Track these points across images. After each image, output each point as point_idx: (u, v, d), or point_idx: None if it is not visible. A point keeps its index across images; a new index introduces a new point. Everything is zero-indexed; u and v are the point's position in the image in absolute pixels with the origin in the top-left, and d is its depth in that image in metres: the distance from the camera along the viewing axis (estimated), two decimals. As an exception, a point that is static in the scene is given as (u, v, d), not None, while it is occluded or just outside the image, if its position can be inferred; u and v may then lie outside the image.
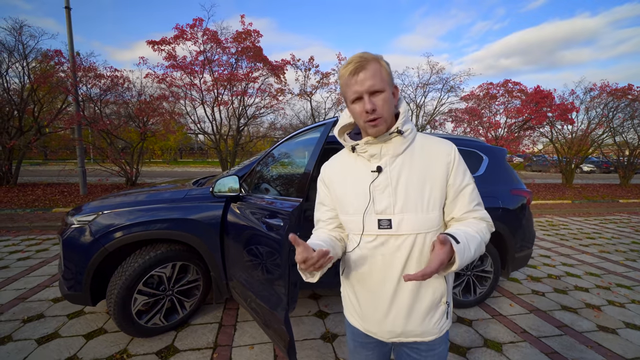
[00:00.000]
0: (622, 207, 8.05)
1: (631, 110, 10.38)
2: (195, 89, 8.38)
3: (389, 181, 0.82)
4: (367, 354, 0.97)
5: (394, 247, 0.82)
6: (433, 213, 0.82)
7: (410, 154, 0.84)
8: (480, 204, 0.88)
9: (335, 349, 2.04)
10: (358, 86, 0.77)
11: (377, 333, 0.90)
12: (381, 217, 0.82)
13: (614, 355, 2.01)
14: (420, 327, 0.86)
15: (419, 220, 0.80)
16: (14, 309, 2.45)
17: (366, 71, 0.76)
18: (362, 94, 0.77)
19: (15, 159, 7.83)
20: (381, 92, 0.78)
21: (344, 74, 0.79)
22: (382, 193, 0.82)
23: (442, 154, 0.84)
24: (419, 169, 0.83)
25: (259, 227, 1.76)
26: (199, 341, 2.09)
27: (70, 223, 2.11)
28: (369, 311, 0.90)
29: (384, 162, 0.84)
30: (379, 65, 0.78)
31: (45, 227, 4.93)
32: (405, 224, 0.81)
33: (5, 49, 7.32)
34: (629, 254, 4.15)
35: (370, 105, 0.77)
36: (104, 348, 2.00)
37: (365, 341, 0.95)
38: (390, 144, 0.84)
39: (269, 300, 1.67)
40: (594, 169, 20.09)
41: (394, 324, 0.86)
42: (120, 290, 1.94)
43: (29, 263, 3.43)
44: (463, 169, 0.86)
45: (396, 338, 0.89)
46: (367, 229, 0.84)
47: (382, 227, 0.82)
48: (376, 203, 0.83)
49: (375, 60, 0.78)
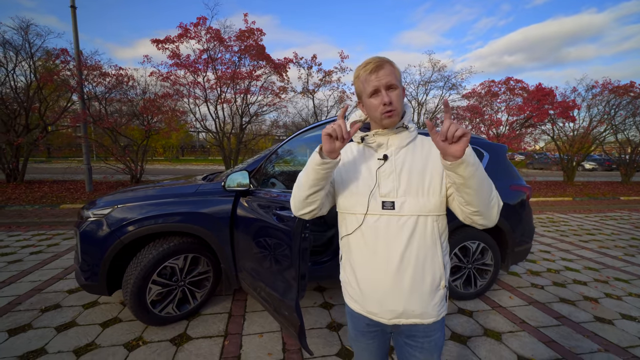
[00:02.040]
0: (623, 204, 8.10)
1: (633, 108, 10.38)
2: (198, 87, 8.46)
3: (394, 168, 0.91)
4: (368, 342, 1.01)
5: (397, 227, 0.88)
6: (434, 198, 0.88)
7: (412, 147, 0.94)
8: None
9: (341, 337, 2.12)
10: (376, 81, 0.87)
11: (378, 314, 0.94)
12: (385, 200, 0.90)
13: (609, 344, 2.09)
14: (420, 307, 0.90)
15: (419, 204, 0.88)
16: (31, 300, 2.55)
17: (384, 70, 0.87)
18: (381, 88, 0.88)
19: (22, 157, 7.94)
20: (396, 89, 0.89)
21: (363, 72, 0.89)
22: (387, 178, 0.91)
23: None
24: (420, 159, 0.91)
25: (268, 219, 1.84)
26: (210, 329, 2.18)
27: (86, 216, 2.20)
28: (370, 291, 0.93)
29: (390, 152, 0.93)
30: (393, 68, 0.90)
31: (54, 223, 5.04)
32: (407, 205, 0.88)
33: (12, 48, 7.41)
34: (628, 250, 4.22)
35: (387, 98, 0.87)
36: (120, 335, 2.09)
37: (366, 330, 0.99)
38: (396, 137, 0.94)
39: (278, 289, 1.75)
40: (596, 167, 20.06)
41: (395, 302, 0.90)
42: (136, 280, 2.03)
43: (42, 257, 3.53)
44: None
45: (397, 319, 0.92)
46: (371, 209, 0.91)
47: (386, 208, 0.89)
48: (381, 187, 0.91)
49: (390, 62, 0.90)
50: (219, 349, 1.98)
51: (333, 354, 1.95)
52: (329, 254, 2.50)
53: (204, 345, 2.01)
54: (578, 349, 2.03)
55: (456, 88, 11.28)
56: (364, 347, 1.03)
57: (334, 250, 2.51)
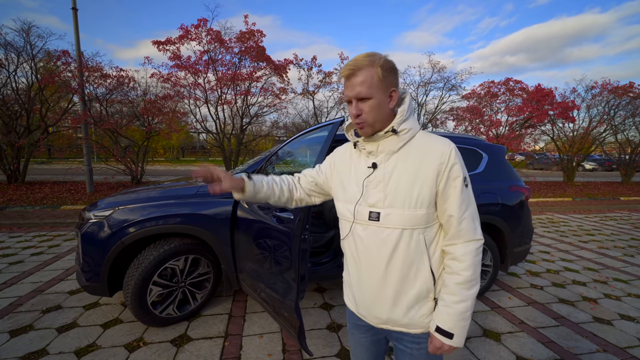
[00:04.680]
0: (623, 204, 8.10)
1: (632, 108, 10.40)
2: (199, 88, 8.48)
3: (382, 177, 0.87)
4: (361, 335, 1.03)
5: (381, 239, 0.86)
6: (421, 210, 0.84)
7: (405, 152, 0.87)
8: (468, 224, 0.85)
9: (340, 338, 2.13)
10: (348, 91, 0.84)
11: (366, 317, 0.96)
12: (372, 210, 0.88)
13: (608, 345, 2.10)
14: (405, 318, 0.89)
15: (404, 216, 0.84)
16: (33, 301, 2.56)
17: (356, 77, 0.81)
18: (351, 98, 0.84)
19: (23, 158, 7.96)
20: (368, 99, 0.82)
21: (341, 76, 0.86)
22: (374, 188, 0.88)
23: (436, 153, 0.84)
24: (412, 166, 0.85)
25: (268, 220, 1.85)
26: (211, 330, 2.19)
27: (87, 218, 2.21)
28: (360, 295, 0.96)
29: (379, 159, 0.89)
30: (372, 72, 0.81)
31: (55, 224, 5.06)
32: (392, 218, 0.85)
33: (14, 50, 7.44)
34: (628, 250, 4.22)
35: (355, 110, 0.84)
36: (121, 336, 2.11)
37: (359, 323, 1.01)
38: (386, 143, 0.88)
39: (278, 290, 1.76)
40: (596, 167, 20.05)
41: (379, 310, 0.91)
42: (137, 281, 2.04)
43: (43, 258, 3.55)
44: (456, 176, 0.84)
45: (383, 325, 0.93)
46: (358, 218, 0.90)
47: (372, 219, 0.88)
48: (369, 196, 0.88)
49: (369, 66, 0.81)
50: (219, 349, 1.99)
51: (333, 354, 1.96)
52: (329, 255, 2.51)
53: (205, 346, 2.02)
54: (577, 349, 2.04)
55: (456, 89, 11.30)
56: (357, 340, 1.05)
57: (334, 251, 2.52)
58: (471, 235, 0.85)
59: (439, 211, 0.86)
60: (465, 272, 0.83)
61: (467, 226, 0.84)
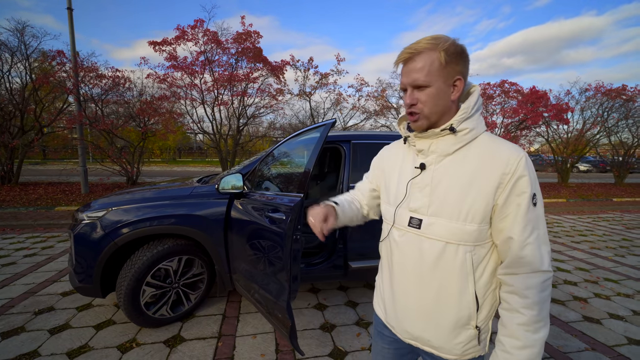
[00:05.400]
0: (616, 205, 8.21)
1: (625, 110, 10.54)
2: (195, 89, 8.48)
3: (429, 180, 0.77)
4: (384, 346, 0.95)
5: (419, 250, 0.77)
6: (471, 226, 0.71)
7: (462, 156, 0.75)
8: (533, 252, 0.69)
9: (333, 338, 2.15)
10: (405, 77, 0.74)
11: (395, 328, 0.88)
12: (413, 215, 0.78)
13: (596, 343, 2.13)
14: (437, 340, 0.79)
15: (450, 229, 0.72)
16: (25, 302, 2.55)
17: (415, 63, 0.71)
18: (407, 86, 0.75)
19: (17, 158, 7.90)
20: (425, 87, 0.72)
21: (398, 60, 0.76)
22: (420, 191, 0.78)
23: (501, 161, 0.70)
24: (468, 174, 0.72)
25: (261, 221, 1.86)
26: (204, 331, 2.20)
27: (80, 219, 2.21)
28: (390, 305, 0.88)
29: (429, 160, 0.78)
30: (433, 57, 0.70)
31: (49, 225, 5.02)
32: (435, 228, 0.74)
33: (8, 50, 7.39)
34: (619, 250, 4.28)
35: (409, 99, 0.74)
36: (114, 337, 2.10)
37: (384, 333, 0.94)
38: (440, 142, 0.76)
39: (272, 291, 1.77)
40: (590, 169, 20.28)
41: (409, 325, 0.83)
42: (130, 282, 2.04)
43: (36, 259, 3.52)
44: (522, 191, 0.69)
45: (412, 340, 0.85)
46: (398, 222, 0.82)
47: (412, 226, 0.78)
48: (412, 200, 0.79)
49: (431, 50, 0.70)
50: (212, 350, 1.99)
51: (325, 354, 1.97)
52: (322, 256, 2.52)
53: (198, 347, 2.02)
54: (566, 347, 2.07)
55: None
56: (379, 350, 0.96)
57: (328, 252, 2.53)
58: (537, 265, 0.69)
59: (493, 230, 0.73)
60: (529, 310, 0.69)
61: (531, 253, 0.69)
